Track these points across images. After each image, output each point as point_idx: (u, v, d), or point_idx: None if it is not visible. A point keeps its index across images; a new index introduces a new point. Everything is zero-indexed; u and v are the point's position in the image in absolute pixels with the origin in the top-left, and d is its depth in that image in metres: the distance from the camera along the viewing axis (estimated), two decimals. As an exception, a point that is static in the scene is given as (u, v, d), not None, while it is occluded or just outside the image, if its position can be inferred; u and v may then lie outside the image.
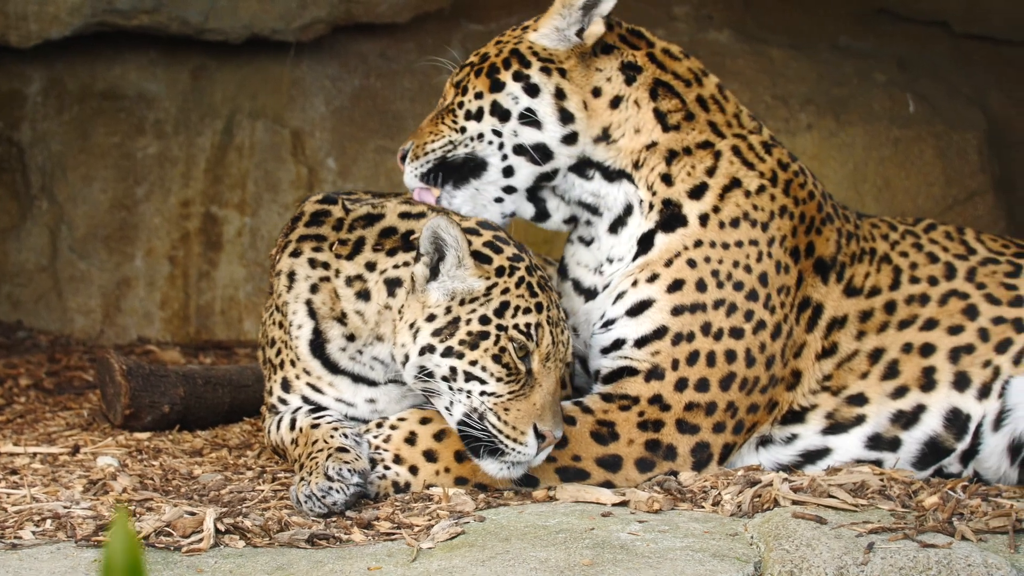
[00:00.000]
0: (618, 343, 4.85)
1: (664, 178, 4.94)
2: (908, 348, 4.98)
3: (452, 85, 5.10)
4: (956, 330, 4.99)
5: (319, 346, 4.79)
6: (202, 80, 7.58)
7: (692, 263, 4.86)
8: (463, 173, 4.99)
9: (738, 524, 4.33)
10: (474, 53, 5.13)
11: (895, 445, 4.93)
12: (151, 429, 5.61)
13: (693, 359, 4.79)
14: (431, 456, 4.64)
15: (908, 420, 4.94)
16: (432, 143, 5.01)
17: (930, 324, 5.01)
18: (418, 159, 5.02)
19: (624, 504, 4.51)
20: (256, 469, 5.00)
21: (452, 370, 4.49)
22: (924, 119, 7.90)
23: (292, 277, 4.83)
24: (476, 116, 4.98)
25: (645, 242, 4.93)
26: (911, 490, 4.65)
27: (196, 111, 7.55)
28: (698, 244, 4.88)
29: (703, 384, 4.78)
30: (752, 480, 4.62)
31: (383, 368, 4.76)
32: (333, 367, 4.80)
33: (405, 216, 4.79)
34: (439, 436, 4.65)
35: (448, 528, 4.24)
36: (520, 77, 4.95)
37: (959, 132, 7.92)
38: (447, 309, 4.53)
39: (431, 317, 4.53)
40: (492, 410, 4.46)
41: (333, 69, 7.68)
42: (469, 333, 4.50)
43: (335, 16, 7.41)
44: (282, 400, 4.89)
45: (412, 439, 4.65)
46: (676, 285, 4.84)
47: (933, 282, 5.06)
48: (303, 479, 4.45)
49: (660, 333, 4.81)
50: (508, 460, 4.49)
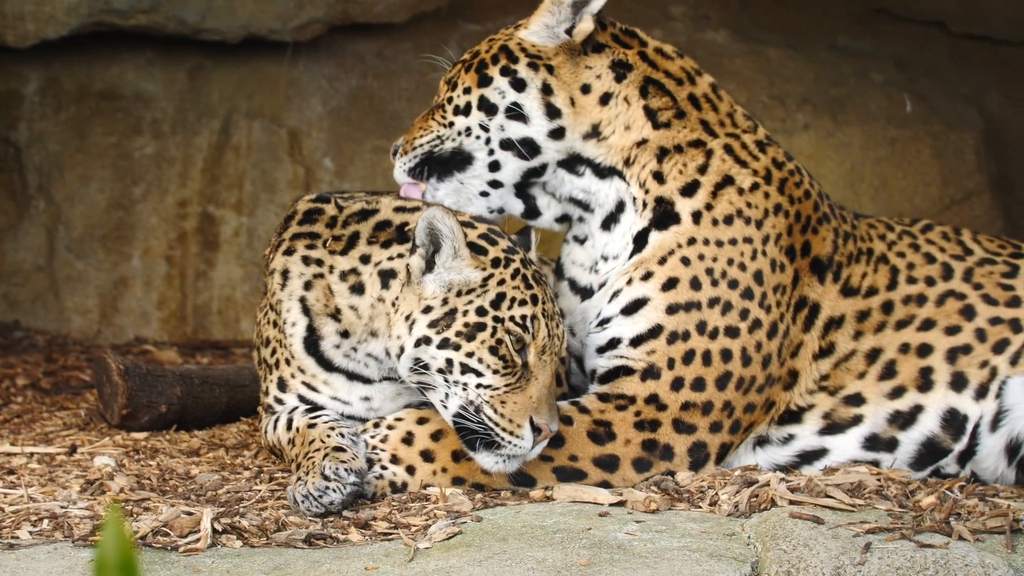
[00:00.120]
0: (613, 342, 4.85)
1: (656, 176, 4.94)
2: (905, 348, 4.98)
3: (444, 82, 5.12)
4: (953, 330, 4.99)
5: (313, 343, 4.79)
6: (199, 80, 7.57)
7: (686, 261, 4.86)
8: (448, 167, 5.01)
9: (735, 524, 4.33)
10: (468, 51, 5.15)
11: (892, 446, 4.92)
12: (148, 429, 5.61)
13: (689, 358, 4.79)
14: (428, 456, 4.64)
15: (905, 420, 4.94)
16: (420, 138, 5.03)
17: (927, 324, 5.01)
18: (407, 154, 5.05)
19: (621, 504, 4.51)
20: (253, 469, 5.00)
21: (448, 362, 4.49)
22: (921, 119, 7.90)
23: (286, 275, 4.83)
24: (464, 111, 4.99)
25: (640, 240, 4.93)
26: (908, 490, 4.65)
27: (193, 111, 7.54)
28: (692, 242, 4.88)
29: (699, 383, 4.78)
30: (749, 480, 4.62)
31: (377, 365, 4.75)
32: (327, 365, 4.80)
33: (400, 210, 4.80)
34: (436, 436, 4.65)
35: (445, 528, 4.24)
36: (507, 72, 4.97)
37: (956, 132, 7.92)
38: (444, 300, 4.53)
39: (427, 309, 4.53)
40: (488, 403, 4.46)
41: (330, 69, 7.67)
42: (466, 324, 4.50)
43: (332, 16, 7.41)
44: (278, 400, 4.89)
45: (409, 439, 4.65)
46: (670, 283, 4.84)
47: (930, 282, 5.06)
48: (300, 479, 4.44)
49: (655, 332, 4.81)
50: (504, 453, 4.48)
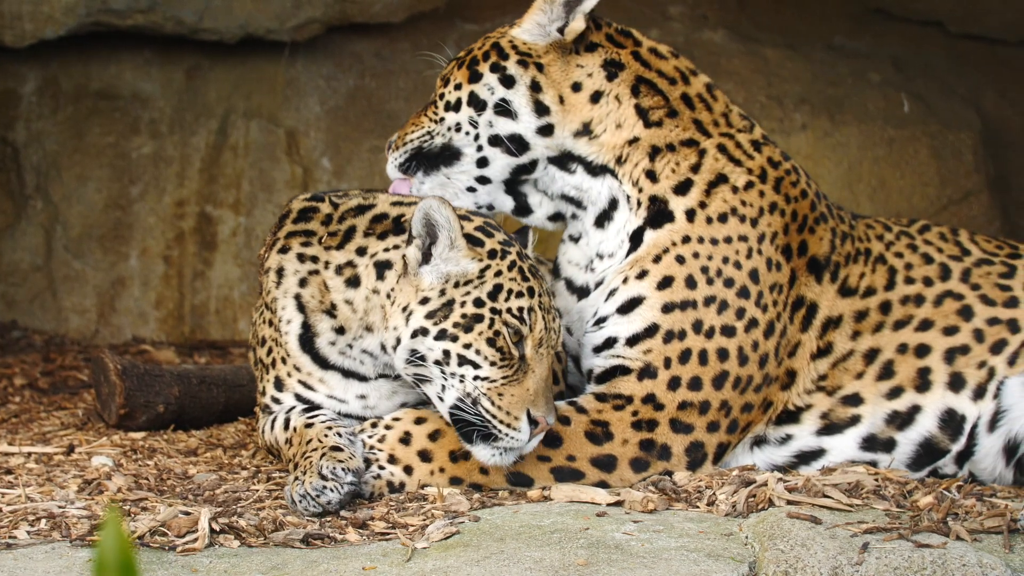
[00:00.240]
0: (610, 341, 4.85)
1: (649, 174, 4.95)
2: (903, 349, 4.98)
3: (440, 79, 5.15)
4: (951, 331, 4.99)
5: (308, 340, 4.78)
6: (197, 80, 7.57)
7: (681, 259, 4.86)
8: (435, 162, 5.03)
9: (733, 524, 4.33)
10: (464, 50, 5.17)
11: (890, 446, 4.92)
12: (146, 429, 5.61)
13: (685, 357, 4.79)
14: (426, 456, 4.64)
15: (903, 421, 4.94)
16: (411, 134, 5.06)
17: (925, 325, 5.01)
18: (398, 150, 5.07)
19: (619, 504, 4.51)
20: (251, 469, 5.00)
21: (445, 353, 4.48)
22: (919, 119, 7.91)
23: (281, 273, 4.83)
24: (454, 107, 5.02)
25: (636, 239, 4.94)
26: (906, 490, 4.65)
27: (191, 111, 7.54)
28: (686, 240, 4.88)
29: (696, 383, 4.78)
30: (747, 480, 4.62)
31: (372, 362, 4.75)
32: (323, 362, 4.80)
33: (397, 204, 4.81)
34: (434, 436, 4.65)
35: (443, 528, 4.24)
36: (497, 68, 4.99)
37: (954, 132, 7.92)
38: (441, 292, 4.52)
39: (425, 300, 4.52)
40: (486, 395, 4.46)
41: (328, 69, 7.67)
42: (463, 316, 4.49)
43: (330, 16, 7.41)
44: (275, 400, 4.89)
45: (407, 439, 4.65)
46: (665, 282, 4.84)
47: (928, 283, 5.06)
48: (297, 479, 4.44)
49: (651, 331, 4.81)
50: (501, 446, 4.48)
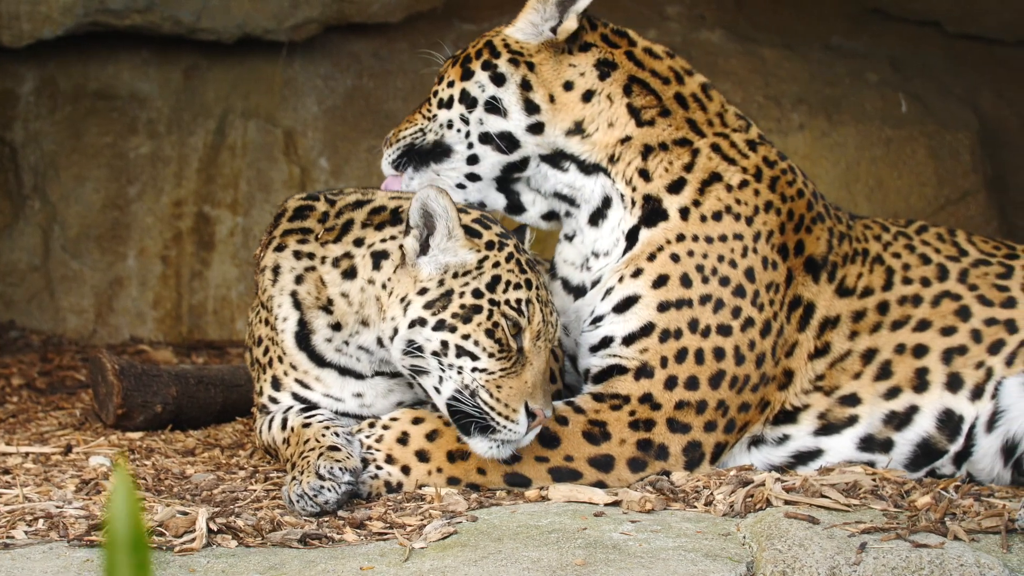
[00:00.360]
0: (606, 340, 4.85)
1: (642, 173, 4.96)
2: (901, 349, 4.98)
3: (436, 77, 5.16)
4: (949, 331, 4.99)
5: (304, 337, 4.78)
6: (194, 80, 7.57)
7: (675, 257, 4.86)
8: (426, 159, 5.05)
9: (730, 524, 4.33)
10: (461, 48, 5.19)
11: (888, 446, 4.92)
12: (143, 429, 5.61)
13: (682, 356, 4.79)
14: (423, 456, 4.64)
15: (901, 421, 4.93)
16: (404, 130, 5.09)
17: (923, 325, 5.01)
18: (391, 146, 5.09)
19: (617, 504, 4.51)
20: (248, 469, 4.99)
21: (443, 344, 4.48)
22: (916, 119, 7.91)
23: (277, 271, 4.83)
24: (447, 104, 5.04)
25: (631, 238, 4.94)
26: (903, 490, 4.65)
27: (188, 111, 7.54)
28: (680, 238, 4.88)
29: (692, 382, 4.78)
30: (744, 480, 4.62)
31: (368, 358, 4.75)
32: (319, 360, 4.79)
33: (395, 198, 4.83)
34: (431, 436, 4.65)
35: (440, 528, 4.24)
36: (488, 67, 5.01)
37: (951, 132, 7.93)
38: (440, 282, 4.52)
39: (423, 290, 4.52)
40: (484, 387, 4.45)
41: (325, 69, 7.67)
42: (462, 306, 4.49)
43: (327, 16, 7.41)
44: (272, 399, 4.88)
45: (404, 439, 4.65)
46: (661, 280, 4.84)
47: (926, 283, 5.06)
48: (295, 478, 4.44)
49: (647, 330, 4.81)
50: (498, 438, 4.48)
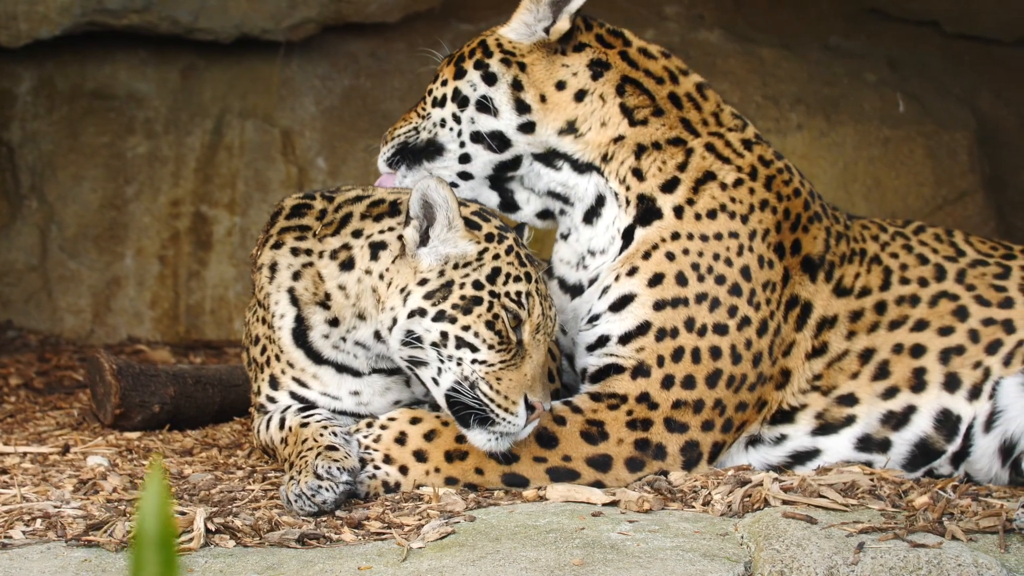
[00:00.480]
0: (603, 339, 4.85)
1: (635, 172, 4.96)
2: (899, 349, 4.98)
3: (432, 76, 5.18)
4: (946, 331, 4.99)
5: (302, 334, 4.78)
6: (192, 80, 7.57)
7: (671, 256, 4.86)
8: (419, 157, 5.08)
9: (728, 524, 4.33)
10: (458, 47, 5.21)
11: (885, 446, 4.92)
12: (141, 429, 5.61)
13: (678, 356, 4.79)
14: (421, 456, 4.64)
15: (898, 421, 4.93)
16: (400, 129, 5.12)
17: (920, 325, 5.01)
18: (386, 144, 5.12)
19: (614, 504, 4.51)
20: (246, 469, 4.99)
21: (443, 335, 4.48)
22: (914, 119, 7.91)
23: (274, 268, 4.83)
24: (440, 103, 5.06)
25: (627, 237, 4.94)
26: (901, 490, 4.65)
27: (186, 111, 7.54)
28: (675, 236, 4.88)
29: (689, 381, 4.78)
30: (742, 480, 4.62)
31: (366, 354, 4.74)
32: (316, 357, 4.79)
33: (394, 192, 4.84)
34: (429, 436, 4.65)
35: (438, 528, 4.24)
36: (480, 66, 5.03)
37: (949, 132, 7.93)
38: (440, 272, 4.52)
39: (423, 281, 4.52)
40: (484, 379, 4.45)
41: (323, 69, 7.67)
42: (462, 297, 4.49)
43: (325, 16, 7.41)
44: (270, 399, 4.88)
45: (402, 439, 4.65)
46: (656, 279, 4.84)
47: (923, 283, 5.06)
48: (293, 478, 4.44)
49: (643, 329, 4.81)
50: (497, 431, 4.48)
